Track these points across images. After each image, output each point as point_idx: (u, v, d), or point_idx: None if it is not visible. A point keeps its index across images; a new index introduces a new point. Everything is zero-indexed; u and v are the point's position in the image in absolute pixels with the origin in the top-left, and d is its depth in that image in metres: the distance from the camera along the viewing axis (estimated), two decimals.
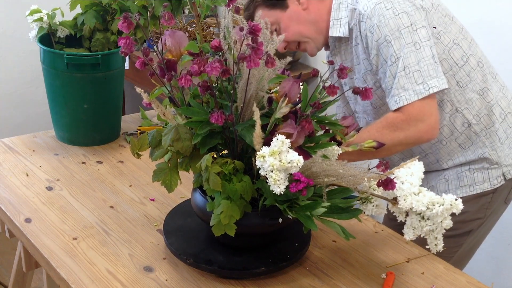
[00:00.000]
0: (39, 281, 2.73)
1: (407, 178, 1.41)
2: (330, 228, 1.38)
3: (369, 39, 1.73)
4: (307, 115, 1.36)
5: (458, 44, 1.80)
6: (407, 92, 1.69)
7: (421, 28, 1.70)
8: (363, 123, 1.95)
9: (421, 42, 1.69)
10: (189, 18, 3.39)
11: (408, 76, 1.69)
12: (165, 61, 1.38)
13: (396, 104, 1.71)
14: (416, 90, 1.69)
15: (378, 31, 1.71)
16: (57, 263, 1.50)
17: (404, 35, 1.69)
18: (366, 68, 1.81)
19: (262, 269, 1.47)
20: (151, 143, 1.45)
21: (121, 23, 1.31)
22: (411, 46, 1.69)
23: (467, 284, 1.52)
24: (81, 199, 1.76)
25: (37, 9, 2.01)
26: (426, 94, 1.69)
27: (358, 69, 1.85)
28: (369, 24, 1.72)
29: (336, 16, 1.82)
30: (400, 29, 1.69)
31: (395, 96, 1.71)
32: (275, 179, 1.27)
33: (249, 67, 1.28)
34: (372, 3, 1.72)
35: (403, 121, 1.71)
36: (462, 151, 1.87)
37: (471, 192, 1.87)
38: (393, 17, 1.69)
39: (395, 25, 1.69)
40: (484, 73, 1.84)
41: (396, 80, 1.70)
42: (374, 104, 1.86)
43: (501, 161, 1.87)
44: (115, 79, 2.03)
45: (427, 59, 1.69)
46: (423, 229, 1.39)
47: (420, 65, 1.69)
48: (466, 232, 1.90)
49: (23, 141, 2.06)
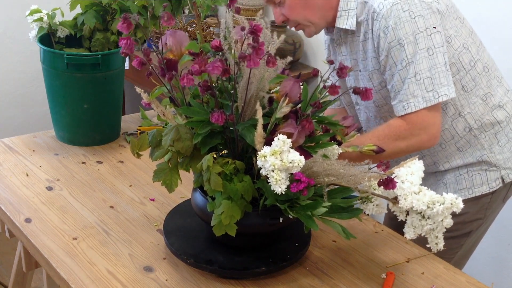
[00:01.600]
0: (39, 281, 2.73)
1: (407, 177, 1.41)
2: (331, 227, 1.38)
3: (382, 39, 1.69)
4: (307, 115, 1.36)
5: (468, 48, 1.77)
6: (416, 98, 1.67)
7: (436, 33, 1.67)
8: (363, 116, 1.93)
9: (435, 48, 1.66)
10: (189, 18, 3.39)
11: (418, 83, 1.67)
12: (165, 60, 1.38)
13: (404, 110, 1.69)
14: (426, 97, 1.67)
15: (392, 33, 1.67)
16: (57, 263, 1.50)
17: (418, 40, 1.65)
18: (374, 67, 1.77)
19: (262, 269, 1.47)
20: (151, 143, 1.45)
21: (121, 24, 1.31)
22: (424, 52, 1.66)
23: (467, 284, 1.52)
24: (81, 199, 1.76)
25: (37, 9, 2.01)
26: (435, 102, 1.67)
27: (364, 65, 1.81)
28: (383, 24, 1.68)
29: (344, 7, 1.76)
30: (415, 34, 1.65)
31: (404, 102, 1.69)
32: (277, 179, 1.27)
33: (249, 67, 1.28)
34: (389, 3, 1.67)
35: (406, 130, 1.70)
36: (460, 153, 1.86)
37: (470, 195, 1.87)
38: (409, 20, 1.65)
39: (410, 28, 1.65)
40: (489, 78, 1.83)
41: (405, 86, 1.68)
42: (376, 102, 1.85)
43: (500, 164, 1.86)
44: (115, 79, 2.03)
45: (439, 66, 1.67)
46: (424, 228, 1.39)
47: (431, 72, 1.66)
48: (467, 233, 1.89)
49: (23, 141, 2.06)
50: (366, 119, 1.92)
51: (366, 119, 1.93)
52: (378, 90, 1.81)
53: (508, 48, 2.46)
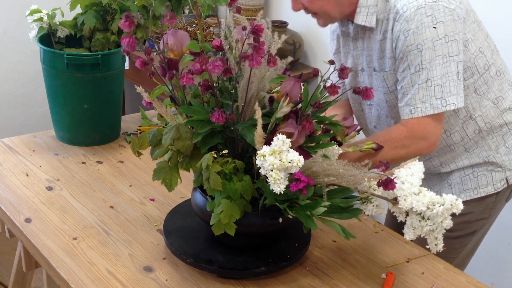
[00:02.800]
0: (39, 281, 2.73)
1: (407, 178, 1.41)
2: (330, 227, 1.38)
3: (401, 42, 1.68)
4: (307, 115, 1.36)
5: (483, 52, 1.77)
6: (424, 104, 1.68)
7: (453, 41, 1.66)
8: (375, 113, 1.91)
9: (449, 57, 1.66)
10: (189, 18, 3.40)
11: (429, 89, 1.67)
12: (166, 60, 1.38)
13: (410, 114, 1.70)
14: (433, 104, 1.67)
15: (412, 37, 1.66)
16: (57, 263, 1.50)
17: (436, 47, 1.65)
18: (391, 67, 1.76)
19: (262, 269, 1.47)
20: (152, 142, 1.45)
21: (123, 21, 1.31)
22: (439, 59, 1.66)
23: (467, 284, 1.52)
24: (81, 199, 1.76)
25: (37, 9, 2.01)
26: (442, 110, 1.68)
27: (380, 64, 1.80)
28: (405, 27, 1.67)
29: (364, 3, 1.74)
30: (434, 40, 1.65)
31: (411, 106, 1.69)
32: (275, 178, 1.27)
33: (251, 66, 1.28)
34: (413, 6, 1.66)
35: (406, 138, 1.70)
36: (466, 154, 1.86)
37: (475, 195, 1.87)
38: (430, 26, 1.64)
39: (430, 35, 1.65)
40: (501, 82, 1.83)
41: (415, 91, 1.68)
42: (389, 102, 1.84)
43: (505, 165, 1.87)
44: (115, 79, 2.03)
45: (451, 75, 1.67)
46: (423, 229, 1.39)
47: (443, 80, 1.66)
48: (471, 233, 1.90)
49: (23, 141, 2.06)
50: (377, 117, 1.91)
51: (377, 116, 1.92)
52: (392, 91, 1.80)
53: (509, 48, 2.46)
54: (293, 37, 3.13)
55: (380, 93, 1.83)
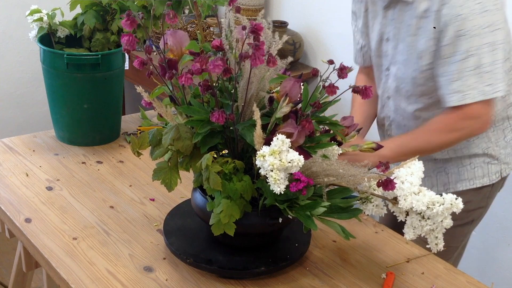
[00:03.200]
0: (39, 281, 2.73)
1: (407, 178, 1.41)
2: (330, 227, 1.38)
3: (449, 26, 1.67)
4: (307, 115, 1.36)
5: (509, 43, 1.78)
6: (474, 91, 1.68)
7: (500, 29, 1.68)
8: (392, 85, 1.89)
9: (498, 44, 1.67)
10: (189, 18, 3.40)
11: (479, 76, 1.67)
12: (166, 60, 1.38)
13: (458, 102, 1.70)
14: (483, 90, 1.68)
15: (460, 23, 1.66)
16: (57, 263, 1.50)
17: (484, 34, 1.66)
18: (429, 49, 1.75)
19: (262, 269, 1.47)
20: (152, 142, 1.45)
21: (125, 20, 1.31)
22: (488, 46, 1.66)
23: (467, 284, 1.52)
24: (81, 199, 1.76)
25: (37, 9, 2.01)
26: (491, 96, 1.69)
27: (411, 41, 1.78)
28: (454, 12, 1.66)
29: None
30: (482, 27, 1.65)
31: (460, 93, 1.69)
32: (275, 179, 1.27)
33: (254, 65, 1.28)
34: None
35: (459, 122, 1.72)
36: (466, 143, 1.88)
37: (470, 186, 1.90)
38: (480, 13, 1.65)
39: (478, 22, 1.65)
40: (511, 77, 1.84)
41: (463, 77, 1.68)
42: (416, 79, 1.81)
43: (501, 158, 1.90)
44: (115, 79, 2.03)
45: (498, 63, 1.68)
46: (424, 228, 1.39)
47: (492, 67, 1.67)
48: (470, 221, 1.94)
49: (23, 141, 2.06)
50: (395, 88, 1.89)
51: (394, 88, 1.89)
52: (423, 70, 1.78)
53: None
54: (293, 37, 3.13)
55: (408, 69, 1.81)
